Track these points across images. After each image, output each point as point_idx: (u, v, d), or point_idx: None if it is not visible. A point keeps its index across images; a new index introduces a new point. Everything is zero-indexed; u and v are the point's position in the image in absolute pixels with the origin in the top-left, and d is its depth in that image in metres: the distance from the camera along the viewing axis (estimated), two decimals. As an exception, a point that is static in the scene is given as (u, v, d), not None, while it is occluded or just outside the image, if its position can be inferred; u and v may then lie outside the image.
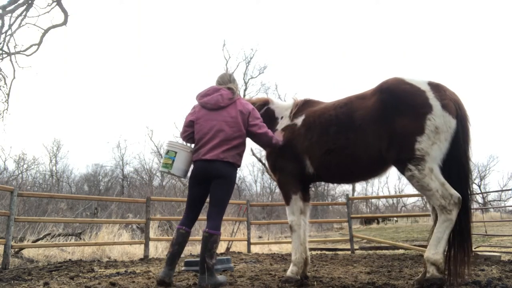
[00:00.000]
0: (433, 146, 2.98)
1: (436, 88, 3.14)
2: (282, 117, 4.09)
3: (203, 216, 4.18)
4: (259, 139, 3.76)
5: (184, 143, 3.88)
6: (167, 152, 3.75)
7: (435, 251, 2.91)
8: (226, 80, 3.85)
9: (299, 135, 3.76)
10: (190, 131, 3.74)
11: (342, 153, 3.43)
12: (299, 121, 3.85)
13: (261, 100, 4.35)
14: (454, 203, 2.89)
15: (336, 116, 3.51)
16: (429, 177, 2.96)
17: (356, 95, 3.58)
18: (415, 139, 3.00)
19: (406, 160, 3.04)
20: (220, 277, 3.53)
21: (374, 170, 3.51)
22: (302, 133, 3.74)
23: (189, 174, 3.80)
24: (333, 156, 3.49)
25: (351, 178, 3.94)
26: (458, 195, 2.92)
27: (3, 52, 10.23)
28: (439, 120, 2.99)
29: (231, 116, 3.62)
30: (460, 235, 3.02)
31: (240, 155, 3.69)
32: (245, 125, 3.66)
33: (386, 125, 3.14)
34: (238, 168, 3.76)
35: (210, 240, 3.43)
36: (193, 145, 3.80)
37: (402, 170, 3.10)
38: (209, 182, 3.61)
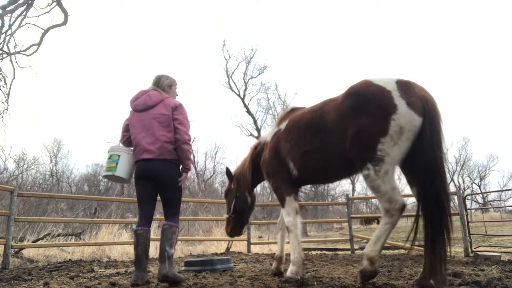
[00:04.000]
0: (394, 147, 2.98)
1: (404, 86, 3.10)
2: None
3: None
4: (177, 133, 3.73)
5: (126, 147, 4.02)
6: (110, 156, 3.89)
7: (372, 248, 3.04)
8: (154, 83, 4.03)
9: (283, 139, 3.93)
10: (127, 135, 3.95)
11: (319, 154, 3.53)
12: (283, 126, 4.04)
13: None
14: (397, 208, 2.97)
15: (312, 119, 3.64)
16: (381, 179, 2.99)
17: (331, 98, 3.67)
18: (379, 140, 3.00)
19: (366, 159, 3.07)
20: (180, 275, 3.67)
21: (350, 169, 3.54)
22: (285, 137, 3.91)
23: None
24: (310, 158, 3.61)
25: (330, 177, 4.03)
26: (404, 202, 3.00)
27: (3, 52, 10.22)
28: (404, 120, 2.96)
29: (160, 112, 3.74)
30: (433, 231, 2.99)
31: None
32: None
33: (353, 126, 3.16)
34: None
35: (169, 231, 3.63)
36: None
37: (361, 168, 3.14)
38: (153, 180, 3.73)
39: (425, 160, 3.00)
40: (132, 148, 3.92)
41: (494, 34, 55.94)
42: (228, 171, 4.89)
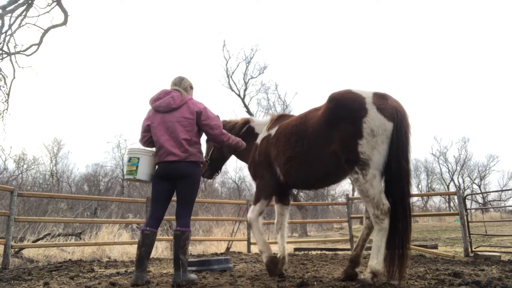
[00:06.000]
0: (373, 151, 3.19)
1: (378, 95, 3.37)
2: (261, 132, 4.59)
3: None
4: (213, 139, 3.99)
5: (145, 148, 4.00)
6: (130, 159, 3.87)
7: (377, 261, 3.19)
8: (176, 83, 4.01)
9: (271, 145, 4.20)
10: (148, 136, 3.90)
11: (300, 159, 3.78)
12: (273, 131, 4.31)
13: (243, 120, 4.87)
14: (385, 212, 3.14)
15: (296, 126, 3.91)
16: (370, 183, 3.18)
17: (315, 107, 3.91)
18: (357, 142, 3.22)
19: (353, 163, 3.27)
20: (193, 275, 3.70)
21: (331, 174, 3.73)
22: (273, 143, 4.18)
23: None
24: (293, 163, 3.85)
25: (312, 183, 4.15)
26: (388, 205, 3.16)
27: (3, 52, 10.21)
28: (374, 123, 3.20)
29: (184, 116, 3.75)
30: (394, 236, 3.20)
31: (200, 152, 3.86)
32: (198, 124, 3.82)
33: (335, 131, 3.40)
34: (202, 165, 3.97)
35: (182, 238, 3.59)
36: (154, 149, 3.92)
37: (350, 171, 3.34)
38: (173, 181, 3.75)
39: (389, 165, 3.21)
40: (151, 149, 3.93)
41: (494, 34, 55.97)
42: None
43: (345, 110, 3.36)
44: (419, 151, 56.63)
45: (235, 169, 36.23)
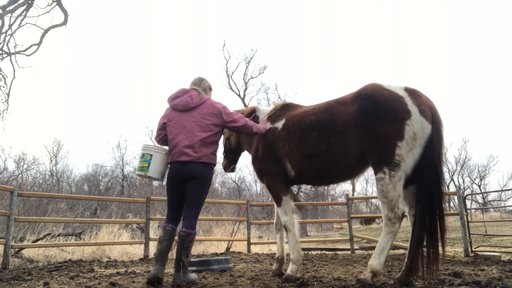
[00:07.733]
0: (409, 154, 3.10)
1: (413, 94, 3.24)
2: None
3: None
4: (241, 132, 4.07)
5: (159, 145, 3.97)
6: (143, 155, 3.84)
7: (378, 261, 3.16)
8: (196, 83, 4.00)
9: (280, 139, 3.88)
10: (163, 134, 3.87)
11: (323, 157, 3.53)
12: (279, 124, 3.98)
13: (250, 109, 4.65)
14: (398, 216, 3.11)
15: (317, 121, 3.59)
16: (393, 185, 3.10)
17: (336, 99, 3.66)
18: (396, 144, 3.10)
19: (384, 163, 3.16)
20: (192, 275, 3.68)
21: (352, 172, 3.64)
22: (282, 137, 3.86)
23: (165, 176, 3.91)
24: (314, 161, 3.59)
25: (330, 180, 4.05)
26: (403, 210, 3.14)
27: (3, 52, 10.24)
28: (417, 126, 3.10)
29: (202, 116, 3.73)
30: (428, 235, 3.12)
31: (214, 154, 3.81)
32: (218, 125, 3.80)
33: (368, 130, 3.23)
34: (214, 167, 3.87)
35: (186, 239, 3.55)
36: (167, 147, 3.87)
37: (377, 170, 3.22)
38: (185, 182, 3.70)
39: (430, 166, 3.12)
40: (165, 147, 3.90)
41: (494, 34, 55.97)
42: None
43: (383, 110, 3.18)
44: (419, 151, 56.28)
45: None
